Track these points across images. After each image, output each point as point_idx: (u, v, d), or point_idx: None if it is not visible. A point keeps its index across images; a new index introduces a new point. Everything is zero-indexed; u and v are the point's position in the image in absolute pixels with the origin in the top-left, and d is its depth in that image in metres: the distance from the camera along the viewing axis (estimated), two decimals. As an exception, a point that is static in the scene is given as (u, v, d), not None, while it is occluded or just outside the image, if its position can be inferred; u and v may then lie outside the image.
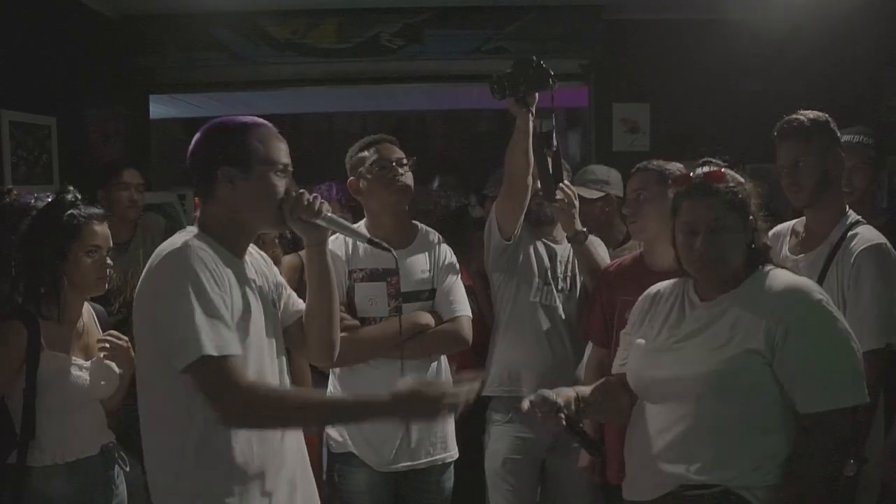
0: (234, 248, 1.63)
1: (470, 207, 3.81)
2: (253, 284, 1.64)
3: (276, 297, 1.75)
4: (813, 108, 2.22)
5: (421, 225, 2.45)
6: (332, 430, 2.34)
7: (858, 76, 4.17)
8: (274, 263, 2.51)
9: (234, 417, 1.49)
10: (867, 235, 2.14)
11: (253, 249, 1.74)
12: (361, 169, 2.34)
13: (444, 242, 2.42)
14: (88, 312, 2.20)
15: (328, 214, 1.70)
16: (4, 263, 2.09)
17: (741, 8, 4.16)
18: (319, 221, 1.68)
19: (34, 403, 1.99)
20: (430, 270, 2.34)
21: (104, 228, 2.13)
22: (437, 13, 4.28)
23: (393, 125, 9.20)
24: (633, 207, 2.37)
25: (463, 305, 2.33)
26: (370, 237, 1.83)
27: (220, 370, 1.46)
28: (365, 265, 2.29)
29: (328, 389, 2.39)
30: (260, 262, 1.75)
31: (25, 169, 3.34)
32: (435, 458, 2.31)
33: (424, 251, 2.36)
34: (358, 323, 2.24)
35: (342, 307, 2.16)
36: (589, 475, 2.51)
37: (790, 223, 2.35)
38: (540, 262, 2.60)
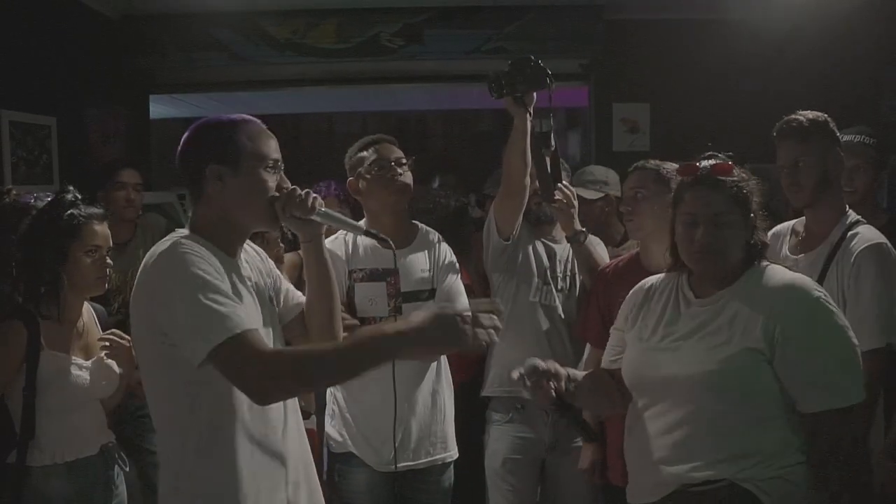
0: (226, 247, 1.60)
1: (469, 207, 3.81)
2: (248, 282, 1.62)
3: (272, 293, 1.73)
4: (813, 108, 2.22)
5: (421, 224, 2.45)
6: (332, 429, 2.33)
7: (858, 76, 4.17)
8: (277, 262, 2.52)
9: (264, 392, 1.44)
10: (867, 235, 2.14)
11: (248, 246, 1.72)
12: (360, 169, 2.35)
13: (443, 242, 2.43)
14: (88, 312, 2.20)
15: (322, 209, 1.67)
16: (5, 263, 2.09)
17: (741, 8, 4.16)
18: (314, 217, 1.65)
19: (34, 403, 2.00)
20: (429, 270, 2.34)
21: (104, 228, 2.13)
22: (437, 13, 4.29)
23: (393, 125, 9.21)
24: (630, 205, 2.37)
25: (463, 305, 2.33)
26: (366, 229, 1.80)
27: (235, 352, 1.41)
28: (365, 265, 2.30)
29: (328, 389, 2.39)
30: (255, 258, 1.74)
31: (25, 169, 3.34)
32: (435, 458, 2.31)
33: (424, 251, 2.36)
34: (358, 323, 2.24)
35: (342, 307, 2.15)
36: (590, 476, 2.50)
37: (790, 223, 2.35)
38: (539, 261, 2.60)
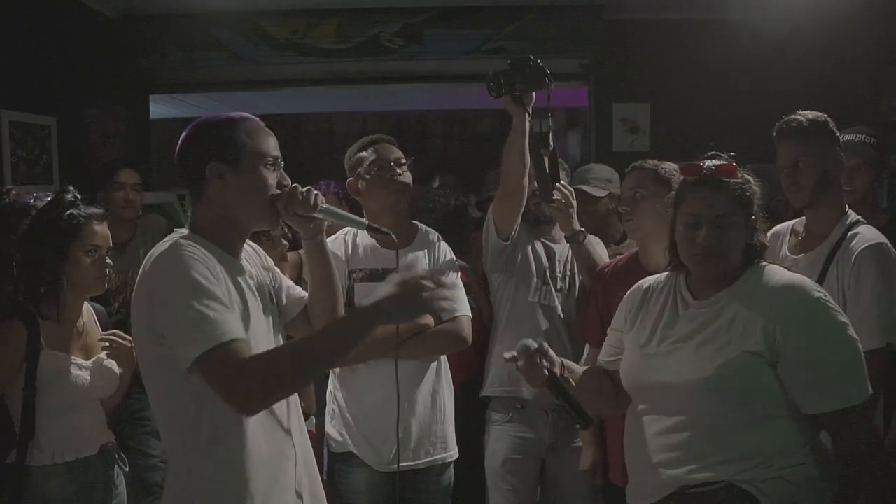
0: (227, 247, 1.59)
1: (469, 207, 3.80)
2: (249, 281, 1.62)
3: (273, 290, 1.72)
4: (813, 108, 2.22)
5: (421, 224, 2.45)
6: (332, 429, 2.33)
7: (858, 76, 4.17)
8: (281, 261, 2.51)
9: (243, 401, 1.42)
10: (868, 235, 2.14)
11: (247, 245, 1.71)
12: (360, 169, 2.35)
13: (443, 241, 2.42)
14: (88, 312, 2.20)
15: (324, 206, 1.66)
16: (5, 263, 2.09)
17: (741, 8, 4.16)
18: (316, 214, 1.65)
19: (34, 403, 2.00)
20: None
21: (104, 228, 2.13)
22: (437, 13, 4.29)
23: (393, 125, 9.22)
24: (629, 206, 2.36)
25: (463, 305, 2.33)
26: (369, 223, 1.79)
27: (220, 361, 1.40)
28: (364, 265, 2.30)
29: (328, 389, 2.39)
30: (254, 256, 1.73)
31: (25, 169, 3.35)
32: (435, 457, 2.30)
33: (424, 250, 2.36)
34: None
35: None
36: (590, 477, 2.50)
37: (789, 223, 2.35)
38: (538, 261, 2.59)
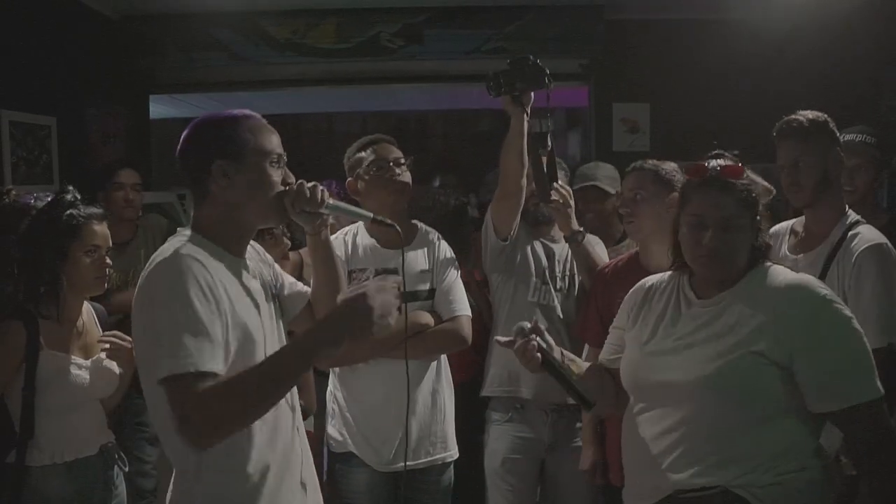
0: (231, 247, 1.58)
1: (469, 207, 3.80)
2: (253, 281, 1.61)
3: (274, 287, 1.72)
4: (813, 108, 2.22)
5: (421, 224, 2.45)
6: (332, 429, 2.33)
7: (858, 76, 4.16)
8: (282, 259, 2.50)
9: (194, 437, 1.38)
10: (868, 235, 2.14)
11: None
12: (359, 169, 2.35)
13: (443, 241, 2.42)
14: (88, 312, 2.21)
15: (330, 202, 1.66)
16: (5, 264, 2.09)
17: (741, 8, 4.16)
18: (323, 210, 1.65)
19: (33, 403, 2.00)
20: (429, 270, 2.34)
21: (103, 228, 2.13)
22: (437, 13, 4.29)
23: (393, 125, 9.21)
24: (629, 207, 2.35)
25: (463, 305, 2.33)
26: (374, 215, 1.79)
27: (182, 388, 1.36)
28: (364, 265, 2.30)
29: (328, 389, 2.39)
30: (255, 255, 1.72)
31: (25, 169, 3.34)
32: (435, 457, 2.30)
33: (424, 250, 2.36)
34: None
35: None
36: (590, 477, 2.49)
37: (789, 223, 2.35)
38: (537, 261, 2.59)
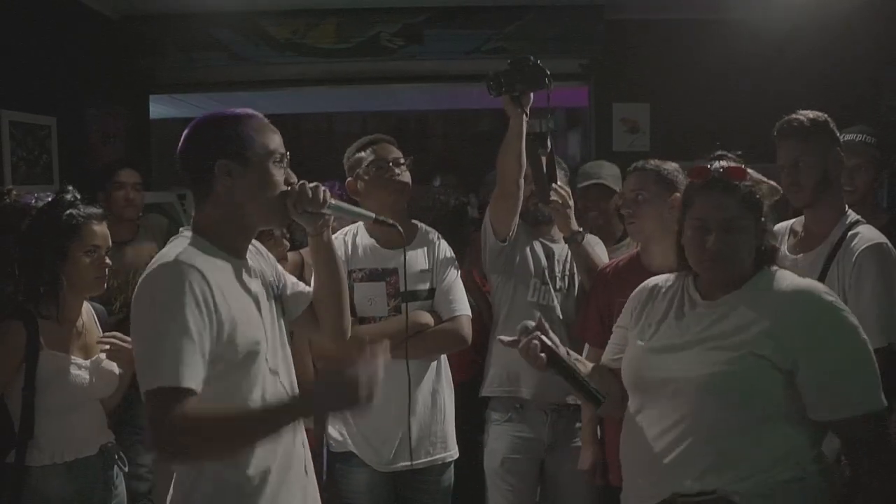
0: (232, 248, 1.57)
1: (469, 207, 3.80)
2: (254, 282, 1.60)
3: (277, 288, 1.71)
4: (813, 108, 2.22)
5: (421, 224, 2.45)
6: (332, 429, 2.33)
7: (858, 76, 4.16)
8: (280, 260, 2.51)
9: (159, 452, 1.39)
10: (868, 235, 2.14)
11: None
12: (359, 170, 2.34)
13: (443, 241, 2.42)
14: (88, 312, 2.21)
15: (332, 202, 1.65)
16: (6, 264, 2.09)
17: (741, 8, 4.16)
18: (325, 210, 1.64)
19: (33, 403, 2.00)
20: (429, 269, 2.34)
21: (103, 228, 2.14)
22: (437, 13, 4.28)
23: (393, 125, 9.21)
24: (631, 208, 2.34)
25: (462, 305, 2.33)
26: (376, 216, 1.79)
27: (163, 403, 1.36)
28: (364, 265, 2.30)
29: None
30: (257, 254, 1.71)
31: (25, 169, 3.35)
32: (435, 457, 2.30)
33: (424, 250, 2.36)
34: (357, 322, 2.24)
35: None
36: (590, 477, 2.49)
37: (788, 222, 2.35)
38: (537, 262, 2.59)
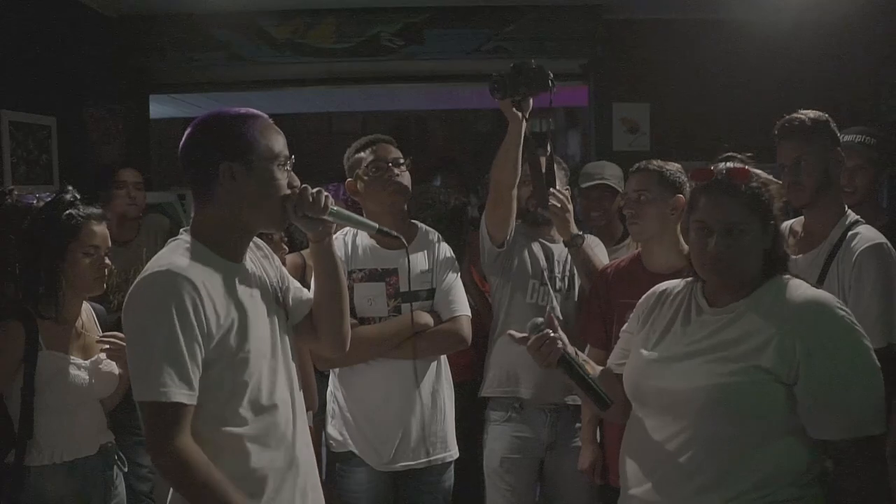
0: (230, 252, 1.55)
1: (469, 207, 3.80)
2: (253, 287, 1.58)
3: (280, 293, 1.68)
4: (813, 108, 2.21)
5: (421, 224, 2.45)
6: (332, 429, 2.33)
7: (858, 76, 4.16)
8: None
9: (160, 468, 1.42)
10: (868, 235, 2.13)
11: (252, 244, 1.66)
12: (358, 170, 2.34)
13: (443, 242, 2.42)
14: (87, 312, 2.21)
15: (334, 208, 1.62)
16: (7, 264, 2.09)
17: (741, 8, 4.15)
18: (326, 217, 1.60)
19: (32, 403, 2.00)
20: (429, 270, 2.34)
21: (102, 228, 2.13)
22: (437, 13, 4.28)
23: (393, 125, 9.21)
24: (633, 208, 2.34)
25: (462, 305, 2.33)
26: (379, 227, 1.76)
27: (155, 415, 1.38)
28: (364, 265, 2.29)
29: (329, 389, 2.39)
30: (261, 255, 1.68)
31: (25, 169, 3.35)
32: (435, 457, 2.30)
33: (424, 250, 2.36)
34: (357, 323, 2.23)
35: None
36: (590, 477, 2.49)
37: (788, 222, 2.34)
38: (536, 263, 2.59)
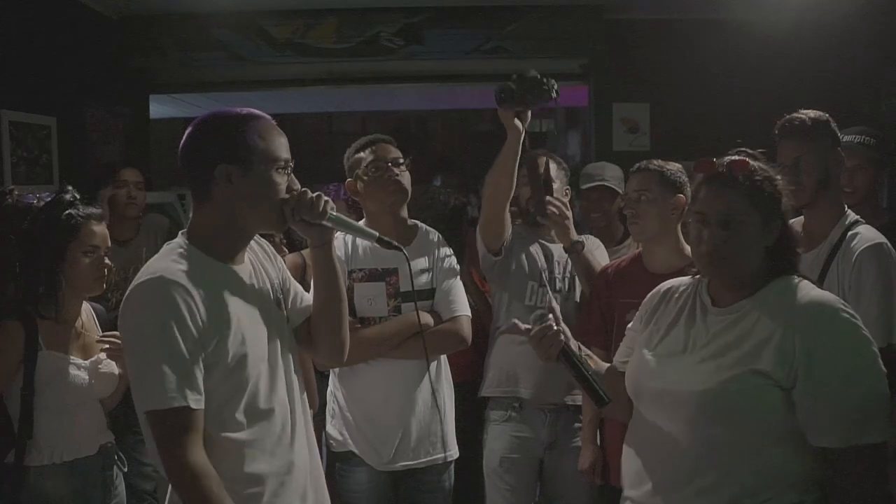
0: (227, 254, 1.53)
1: (469, 207, 3.80)
2: (251, 289, 1.56)
3: (281, 295, 1.66)
4: (813, 108, 2.21)
5: (421, 224, 2.44)
6: (332, 429, 2.33)
7: (858, 76, 4.16)
8: None
9: (172, 479, 1.42)
10: (868, 235, 2.13)
11: (255, 244, 1.65)
12: (358, 170, 2.34)
13: (443, 241, 2.42)
14: (87, 312, 2.21)
15: (333, 214, 1.58)
16: (7, 264, 2.09)
17: (741, 8, 4.15)
18: (325, 222, 1.57)
19: (32, 403, 2.00)
20: (430, 270, 2.34)
21: (102, 228, 2.14)
22: (437, 13, 4.28)
23: (393, 125, 9.22)
24: (634, 208, 2.34)
25: (462, 305, 2.32)
26: (379, 236, 1.73)
27: (162, 422, 1.39)
28: (364, 265, 2.29)
29: (329, 389, 2.39)
30: (263, 258, 1.66)
31: (25, 169, 3.35)
32: (435, 457, 2.30)
33: (424, 251, 2.36)
34: (358, 324, 2.23)
35: None
36: (590, 477, 2.49)
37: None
38: (534, 265, 2.59)
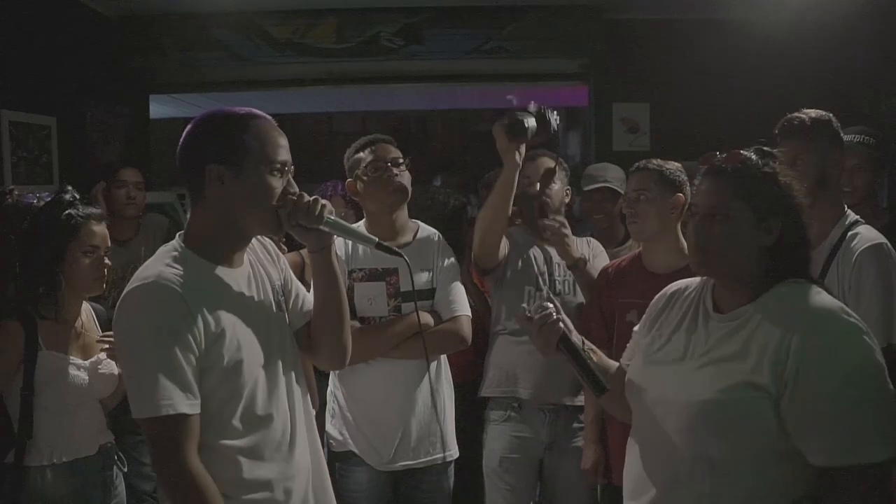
0: (222, 257, 1.51)
1: (469, 207, 3.80)
2: (249, 292, 1.54)
3: (282, 297, 1.64)
4: (813, 108, 2.21)
5: (421, 224, 2.44)
6: (332, 429, 2.33)
7: (858, 76, 4.16)
8: None
9: (167, 487, 1.42)
10: (868, 235, 2.13)
11: (257, 244, 1.63)
12: (358, 170, 2.34)
13: (443, 241, 2.42)
14: (87, 312, 2.20)
15: (331, 218, 1.55)
16: (7, 264, 2.09)
17: (741, 8, 4.15)
18: (322, 227, 1.54)
19: (32, 403, 2.00)
20: (430, 270, 2.34)
21: (102, 228, 2.13)
22: (437, 13, 4.28)
23: (393, 125, 9.22)
24: (633, 207, 2.34)
25: (462, 305, 2.32)
26: (378, 241, 1.67)
27: (157, 429, 1.38)
28: (364, 265, 2.29)
29: (329, 389, 2.39)
30: (264, 259, 1.65)
31: (25, 169, 3.35)
32: (435, 457, 2.30)
33: (424, 251, 2.35)
34: (358, 324, 2.23)
35: None
36: (592, 477, 2.49)
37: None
38: (531, 269, 2.60)
